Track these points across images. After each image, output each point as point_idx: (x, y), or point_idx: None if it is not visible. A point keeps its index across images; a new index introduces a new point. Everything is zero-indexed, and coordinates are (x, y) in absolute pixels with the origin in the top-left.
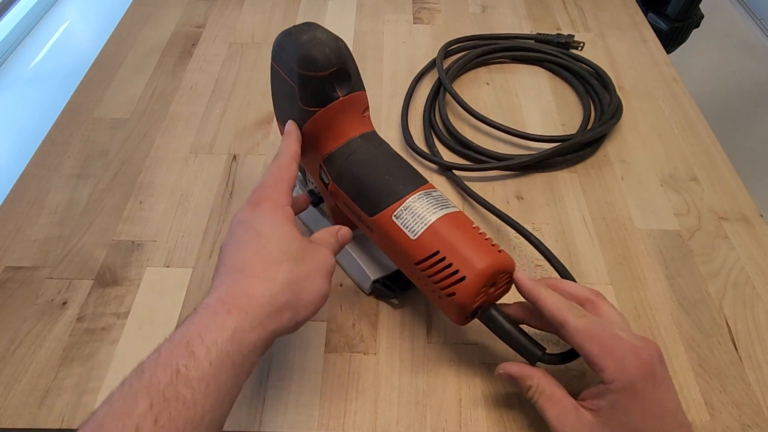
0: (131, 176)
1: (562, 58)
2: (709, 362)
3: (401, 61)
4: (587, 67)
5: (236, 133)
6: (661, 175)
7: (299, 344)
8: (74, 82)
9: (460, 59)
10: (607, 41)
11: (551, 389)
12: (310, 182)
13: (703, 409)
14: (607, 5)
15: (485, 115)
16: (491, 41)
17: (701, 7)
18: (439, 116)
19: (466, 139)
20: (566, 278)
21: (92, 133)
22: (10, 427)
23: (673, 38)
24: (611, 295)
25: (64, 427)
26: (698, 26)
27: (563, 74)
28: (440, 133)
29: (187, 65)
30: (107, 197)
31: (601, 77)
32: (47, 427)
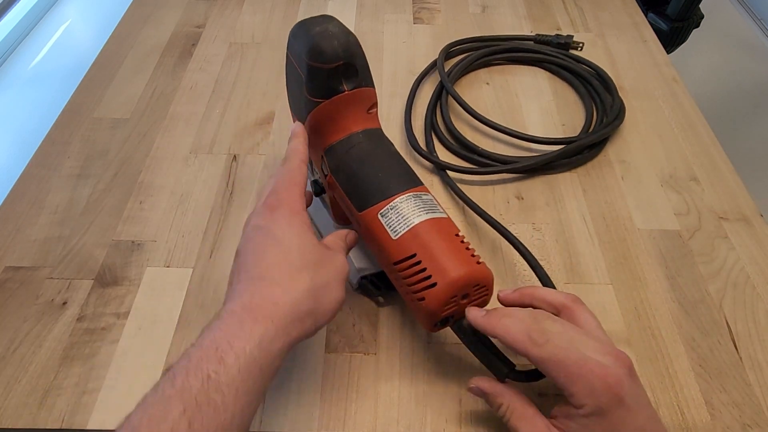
0: (131, 176)
1: (562, 59)
2: (709, 362)
3: (401, 61)
4: (588, 68)
5: (236, 133)
6: (661, 175)
7: (299, 344)
8: (74, 82)
9: (460, 62)
10: (607, 41)
11: (523, 408)
12: (315, 172)
13: (703, 409)
14: (607, 5)
15: (485, 115)
16: (491, 43)
17: (701, 7)
18: (442, 120)
19: (469, 141)
20: (547, 285)
21: (92, 133)
22: (10, 427)
23: (673, 38)
24: (611, 295)
25: (64, 427)
26: (698, 26)
27: (563, 75)
28: (444, 137)
29: (187, 65)
30: (107, 197)
31: (602, 78)
32: (47, 427)
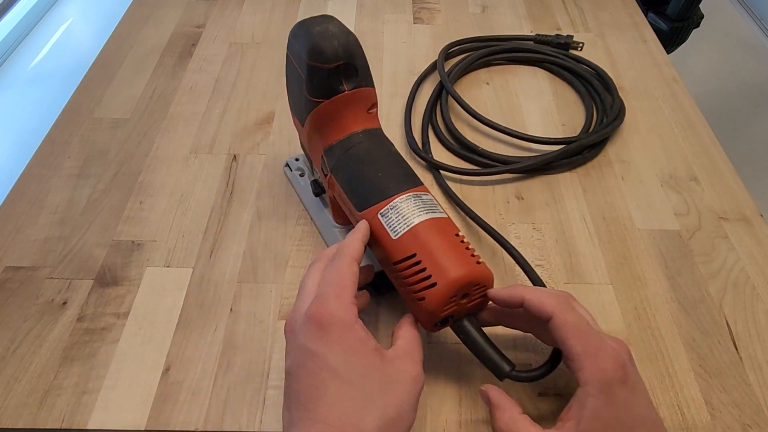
0: (131, 176)
1: (562, 59)
2: (709, 362)
3: (401, 61)
4: (588, 68)
5: (236, 133)
6: (661, 175)
7: None
8: (74, 82)
9: (460, 62)
10: (607, 41)
11: (527, 428)
12: (315, 171)
13: (703, 409)
14: (607, 5)
15: (485, 115)
16: (491, 43)
17: (701, 7)
18: (442, 120)
19: (469, 142)
20: (537, 284)
21: (92, 133)
22: (10, 427)
23: (673, 38)
24: (611, 295)
25: (64, 427)
26: (698, 26)
27: (563, 75)
28: (444, 137)
29: (187, 65)
30: (107, 197)
31: (602, 78)
32: (47, 427)
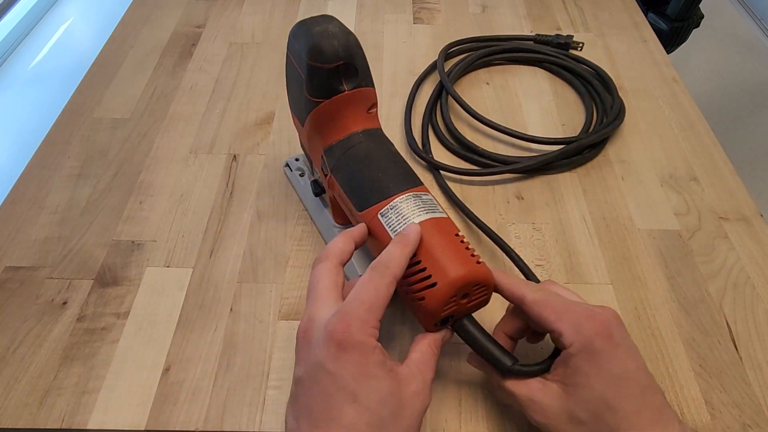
0: (131, 176)
1: (562, 59)
2: (709, 362)
3: (401, 61)
4: (588, 68)
5: (236, 133)
6: (661, 175)
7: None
8: (74, 82)
9: (460, 62)
10: (607, 41)
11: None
12: (315, 171)
13: (703, 408)
14: (607, 5)
15: (485, 115)
16: (491, 43)
17: (701, 7)
18: (442, 120)
19: (469, 142)
20: (528, 277)
21: (92, 133)
22: (10, 427)
23: (673, 38)
24: (611, 295)
25: (64, 427)
26: (698, 26)
27: (563, 75)
28: (444, 137)
29: (187, 65)
30: (107, 197)
31: (602, 78)
32: (47, 427)
